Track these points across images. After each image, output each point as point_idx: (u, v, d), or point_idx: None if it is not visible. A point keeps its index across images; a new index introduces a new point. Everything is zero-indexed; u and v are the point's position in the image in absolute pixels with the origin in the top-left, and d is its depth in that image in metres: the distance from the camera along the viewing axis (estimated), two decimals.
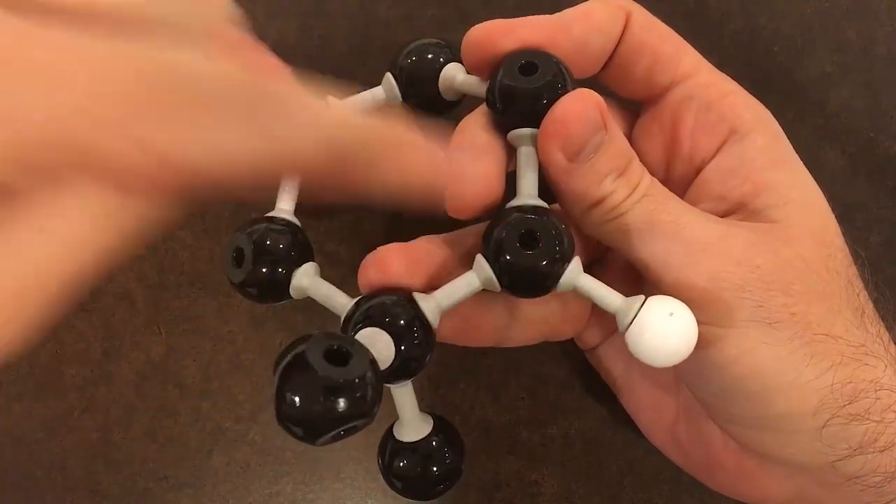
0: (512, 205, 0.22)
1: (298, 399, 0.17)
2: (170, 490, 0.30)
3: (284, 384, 0.17)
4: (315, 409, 0.17)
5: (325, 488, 0.30)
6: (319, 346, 0.17)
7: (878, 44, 0.32)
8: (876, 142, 0.32)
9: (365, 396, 0.17)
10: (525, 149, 0.22)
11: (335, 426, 0.17)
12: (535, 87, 0.21)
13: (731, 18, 0.32)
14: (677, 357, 0.20)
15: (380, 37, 0.32)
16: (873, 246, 0.32)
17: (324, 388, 0.17)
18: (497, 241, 0.21)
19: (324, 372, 0.17)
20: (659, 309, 0.20)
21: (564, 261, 0.21)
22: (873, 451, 0.21)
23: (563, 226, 0.21)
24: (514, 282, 0.21)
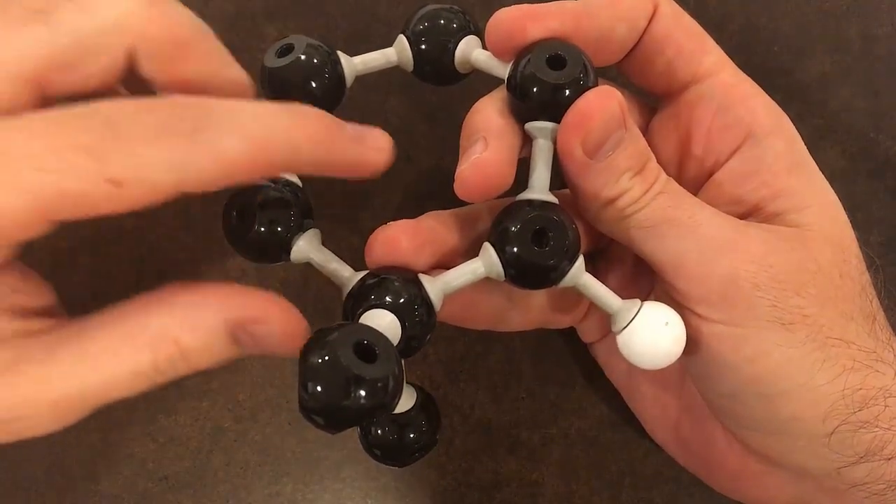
0: (523, 198, 0.22)
1: (322, 390, 0.17)
2: (170, 490, 0.30)
3: (311, 374, 0.17)
4: (340, 403, 0.17)
5: (325, 488, 0.30)
6: (349, 339, 0.17)
7: (878, 44, 0.32)
8: (876, 142, 0.32)
9: (387, 391, 0.17)
10: (542, 142, 0.22)
11: (358, 419, 0.18)
12: (561, 82, 0.21)
13: (731, 18, 0.32)
14: (661, 364, 0.22)
15: (379, 35, 0.32)
16: (873, 246, 0.32)
17: (351, 382, 0.17)
18: (508, 235, 0.21)
19: (353, 367, 0.17)
20: (654, 317, 0.21)
21: (571, 259, 0.21)
22: (879, 459, 0.21)
23: (572, 224, 0.21)
24: (519, 275, 0.21)
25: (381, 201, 0.22)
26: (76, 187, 0.16)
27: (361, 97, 0.31)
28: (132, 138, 0.17)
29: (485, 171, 0.21)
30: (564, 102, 0.21)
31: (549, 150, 0.22)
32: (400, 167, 0.32)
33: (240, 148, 0.17)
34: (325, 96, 0.24)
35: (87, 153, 0.16)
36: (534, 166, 0.22)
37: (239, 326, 0.19)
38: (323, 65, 0.23)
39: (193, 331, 0.19)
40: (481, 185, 0.21)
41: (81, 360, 0.19)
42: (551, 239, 0.21)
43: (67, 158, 0.16)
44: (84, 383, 0.19)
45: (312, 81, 0.23)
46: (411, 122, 0.32)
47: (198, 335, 0.19)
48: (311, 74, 0.23)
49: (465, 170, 0.21)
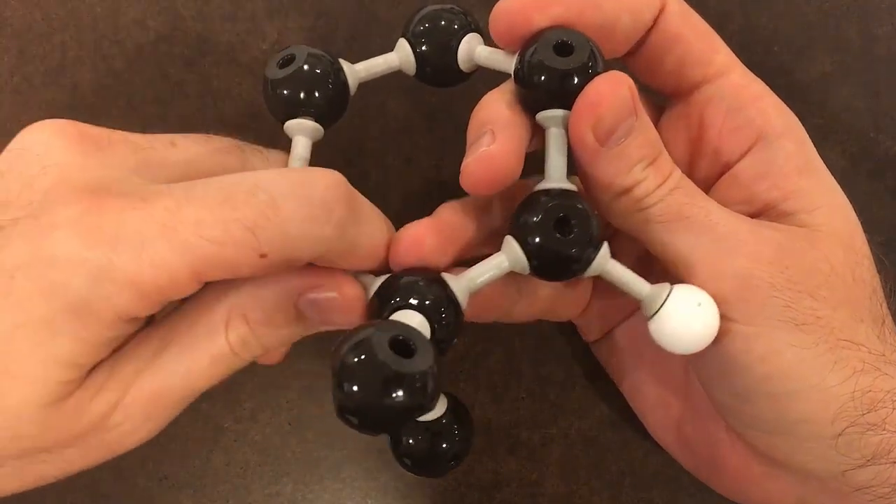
0: (541, 188, 0.22)
1: (359, 389, 0.16)
2: (170, 490, 0.30)
3: (347, 372, 0.16)
4: (379, 402, 0.16)
5: (325, 488, 0.30)
6: (385, 334, 0.17)
7: (878, 44, 0.32)
8: (876, 142, 0.32)
9: (426, 388, 0.17)
10: (555, 130, 0.22)
11: (397, 419, 0.17)
12: (569, 69, 0.21)
13: (731, 18, 0.32)
14: (697, 347, 0.21)
15: (379, 35, 0.32)
16: (873, 246, 0.32)
17: (390, 380, 0.16)
18: (531, 226, 0.21)
19: (391, 363, 0.16)
20: (686, 299, 0.21)
21: (596, 246, 0.21)
22: (886, 463, 0.21)
23: (594, 210, 0.21)
24: (544, 266, 0.21)
25: (380, 203, 0.22)
26: (232, 257, 0.18)
27: (361, 99, 0.31)
28: (288, 219, 0.18)
29: (491, 163, 0.21)
30: (574, 89, 0.21)
31: (563, 137, 0.22)
32: (400, 169, 0.32)
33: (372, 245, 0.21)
34: (330, 106, 0.23)
35: (247, 229, 0.18)
36: (549, 155, 0.22)
37: (300, 295, 0.20)
38: (326, 74, 0.23)
39: (259, 305, 0.20)
40: (488, 178, 0.21)
41: (164, 355, 0.20)
42: (574, 227, 0.20)
43: (230, 231, 0.18)
44: (170, 378, 0.20)
45: (316, 92, 0.23)
46: (411, 123, 0.32)
47: (265, 309, 0.20)
48: (314, 85, 0.23)
49: (472, 163, 0.21)
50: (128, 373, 0.19)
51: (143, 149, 0.20)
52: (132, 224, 0.17)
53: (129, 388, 0.19)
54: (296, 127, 0.23)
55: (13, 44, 0.31)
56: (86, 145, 0.19)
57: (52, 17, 0.32)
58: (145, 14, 0.32)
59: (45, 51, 0.31)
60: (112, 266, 0.17)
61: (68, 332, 0.18)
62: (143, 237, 0.17)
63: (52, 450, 0.19)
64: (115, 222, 0.17)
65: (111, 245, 0.17)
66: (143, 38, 0.32)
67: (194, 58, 0.32)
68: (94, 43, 0.32)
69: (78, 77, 0.31)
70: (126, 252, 0.17)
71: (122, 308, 0.18)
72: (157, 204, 0.18)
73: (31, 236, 0.18)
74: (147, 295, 0.18)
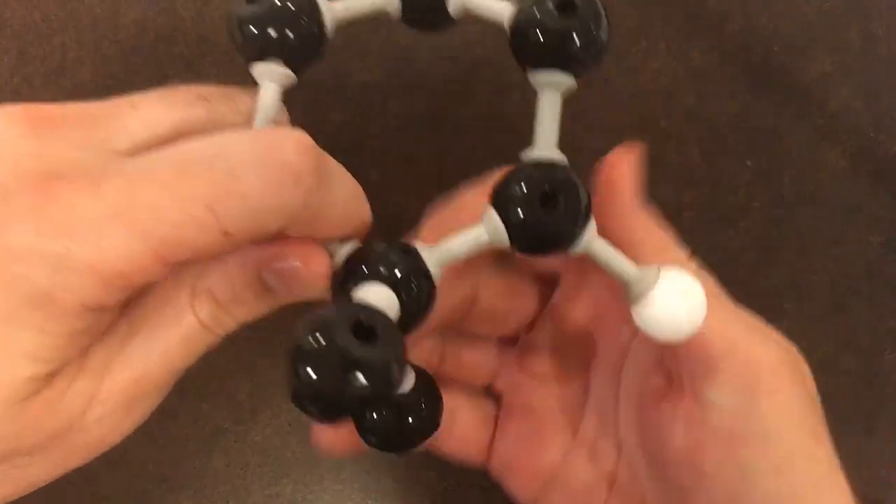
0: (528, 157, 0.20)
1: (316, 375, 0.15)
2: (170, 491, 0.30)
3: (303, 358, 0.15)
4: (337, 390, 0.15)
5: (325, 489, 0.30)
6: (345, 318, 0.16)
7: (878, 44, 0.32)
8: (876, 142, 0.32)
9: (389, 375, 0.16)
10: (550, 94, 0.21)
11: (357, 407, 0.16)
12: (571, 28, 0.20)
13: (731, 18, 0.32)
14: (682, 335, 0.20)
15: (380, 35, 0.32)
16: (873, 246, 0.32)
17: (349, 367, 0.15)
18: (513, 197, 0.19)
19: (351, 349, 0.15)
20: (677, 283, 0.20)
21: (582, 224, 0.19)
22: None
23: (584, 185, 0.20)
24: (526, 242, 0.20)
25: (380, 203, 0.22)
26: (193, 239, 0.17)
27: (361, 98, 0.31)
28: (251, 191, 0.17)
29: None
30: (575, 51, 0.20)
31: (557, 103, 0.21)
32: (400, 169, 0.32)
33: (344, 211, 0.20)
34: (303, 48, 0.21)
35: (208, 208, 0.17)
36: (539, 121, 0.21)
37: (264, 267, 0.19)
38: (299, 11, 0.21)
39: (224, 280, 0.19)
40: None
41: (134, 340, 0.19)
42: (561, 201, 0.19)
43: (189, 211, 0.17)
44: (144, 362, 0.19)
45: (288, 31, 0.20)
46: (411, 122, 0.32)
47: (230, 283, 0.19)
48: (285, 23, 0.20)
49: None
50: (97, 363, 0.19)
51: (101, 119, 0.19)
52: (86, 210, 0.17)
53: (102, 380, 0.19)
54: (264, 71, 0.21)
55: (13, 45, 0.31)
56: (39, 128, 0.18)
57: (51, 19, 0.32)
58: (145, 15, 0.32)
59: (44, 52, 0.31)
60: (70, 255, 0.17)
61: (32, 326, 0.17)
62: (98, 223, 0.17)
63: (31, 452, 0.18)
64: (69, 209, 0.17)
65: (67, 234, 0.17)
66: (143, 39, 0.32)
67: (194, 58, 0.32)
68: (94, 44, 0.32)
69: (78, 78, 0.31)
70: (83, 240, 0.17)
71: (85, 297, 0.17)
72: (110, 186, 0.17)
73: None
74: (110, 282, 0.17)
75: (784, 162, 0.32)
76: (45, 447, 0.19)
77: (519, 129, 0.32)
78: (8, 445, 0.18)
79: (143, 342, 0.19)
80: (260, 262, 0.20)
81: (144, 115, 0.20)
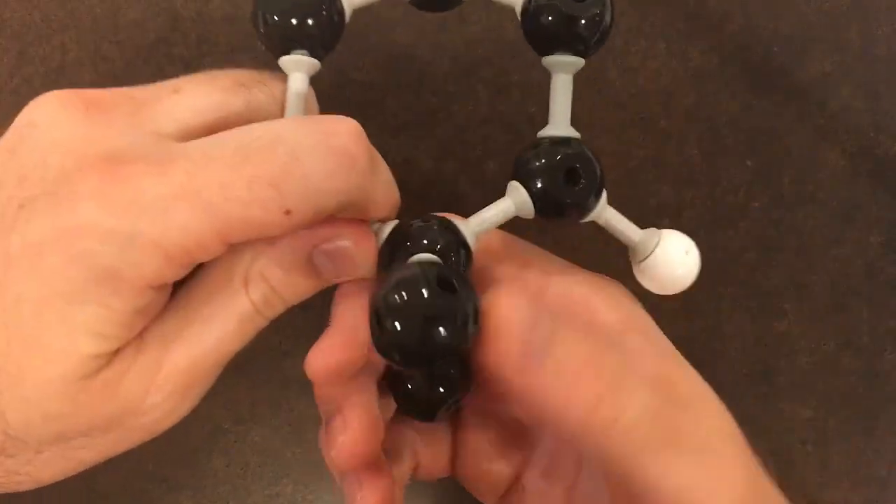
0: (547, 134, 0.22)
1: (403, 325, 0.17)
2: (169, 491, 0.30)
3: (391, 307, 0.17)
4: (423, 337, 0.17)
5: (326, 489, 0.30)
6: (431, 272, 0.18)
7: (878, 44, 0.32)
8: (876, 142, 0.32)
9: (468, 323, 0.18)
10: (562, 76, 0.22)
11: (440, 354, 0.17)
12: (584, 14, 0.21)
13: (731, 18, 0.32)
14: (679, 289, 0.23)
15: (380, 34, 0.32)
16: (873, 246, 0.32)
17: (435, 315, 0.17)
18: (541, 174, 0.21)
19: (438, 298, 0.17)
20: (675, 245, 0.22)
21: (598, 195, 0.22)
22: None
23: (598, 159, 0.22)
24: (550, 212, 0.22)
25: None
26: (258, 216, 0.18)
27: (360, 96, 0.31)
28: (312, 172, 0.18)
29: (352, 450, 0.21)
30: (587, 35, 0.21)
31: (569, 83, 0.22)
32: (400, 169, 0.32)
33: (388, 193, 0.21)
34: (326, 37, 0.22)
35: (271, 186, 0.18)
36: (554, 100, 0.22)
37: (316, 248, 0.20)
38: (321, 2, 0.22)
39: (276, 262, 0.20)
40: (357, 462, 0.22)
41: (192, 325, 0.20)
42: (583, 177, 0.21)
43: (254, 190, 0.18)
44: (201, 346, 0.20)
45: (314, 26, 0.22)
46: (411, 123, 0.32)
47: (282, 265, 0.20)
48: (309, 15, 0.22)
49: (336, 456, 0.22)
50: (155, 347, 0.19)
51: (147, 103, 0.20)
52: (154, 190, 0.17)
53: (161, 364, 0.19)
54: (291, 62, 0.22)
55: (13, 45, 0.31)
56: (91, 112, 0.19)
57: (51, 19, 0.32)
58: (145, 15, 0.32)
59: (44, 52, 0.31)
60: (138, 233, 0.17)
61: (96, 301, 0.17)
62: (166, 202, 0.17)
63: (89, 433, 0.19)
64: (137, 189, 0.17)
65: (135, 212, 0.17)
66: (143, 40, 0.32)
67: (194, 58, 0.32)
68: (94, 44, 0.32)
69: (78, 78, 0.31)
70: (151, 218, 0.17)
71: (150, 273, 0.18)
72: (176, 167, 0.18)
73: (53, 210, 0.17)
74: (174, 258, 0.18)
75: (784, 162, 0.32)
76: (102, 429, 0.19)
77: (519, 129, 0.32)
78: (65, 424, 0.18)
79: (199, 326, 0.20)
80: (312, 244, 0.20)
81: (187, 99, 0.21)
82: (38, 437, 0.18)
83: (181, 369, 0.19)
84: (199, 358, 0.20)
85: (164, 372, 0.19)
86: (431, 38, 0.31)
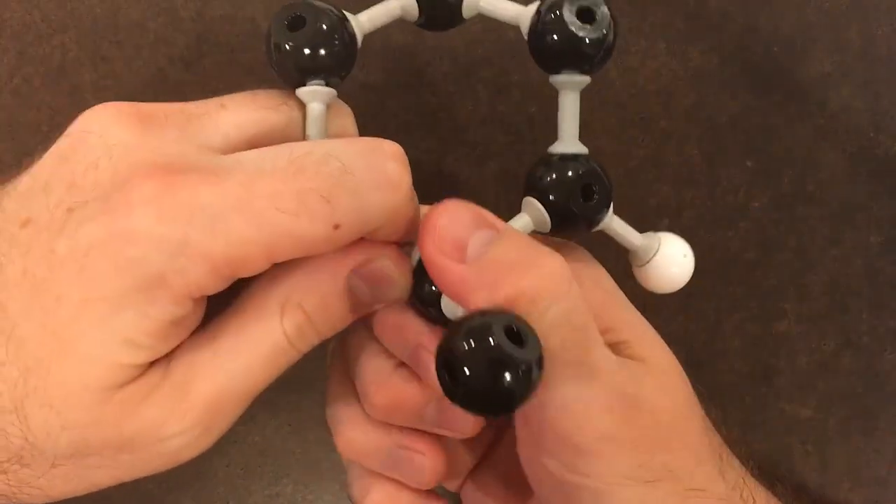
0: (557, 151, 0.22)
1: (473, 374, 0.17)
2: (170, 492, 0.30)
3: (464, 357, 0.17)
4: (493, 387, 0.17)
5: (326, 489, 0.30)
6: (500, 322, 0.18)
7: (878, 44, 0.32)
8: (876, 142, 0.32)
9: (534, 375, 0.18)
10: (571, 94, 0.22)
11: (508, 406, 0.18)
12: (591, 36, 0.21)
13: (731, 18, 0.32)
14: (676, 288, 0.24)
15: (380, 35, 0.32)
16: (873, 246, 0.32)
17: (505, 366, 0.17)
18: (557, 191, 0.22)
19: (507, 349, 0.17)
20: (675, 249, 0.24)
21: (608, 206, 0.23)
22: None
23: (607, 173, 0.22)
24: (567, 226, 0.22)
25: None
26: (307, 229, 0.18)
27: (360, 97, 0.31)
28: (362, 186, 0.18)
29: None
30: (593, 54, 0.21)
31: (577, 101, 0.22)
32: None
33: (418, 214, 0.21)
34: (341, 66, 0.23)
35: (322, 199, 0.18)
36: (562, 117, 0.23)
37: (356, 270, 0.20)
38: (335, 33, 0.22)
39: (313, 289, 0.20)
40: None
41: (220, 354, 0.19)
42: (597, 193, 0.22)
43: (306, 202, 0.18)
44: (228, 378, 0.19)
45: (329, 56, 0.22)
46: (411, 123, 0.32)
47: (318, 292, 0.20)
48: (327, 48, 0.22)
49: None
50: (183, 373, 0.19)
51: (198, 117, 0.20)
52: (207, 199, 0.17)
53: (186, 392, 0.19)
54: (309, 93, 0.22)
55: (13, 45, 0.31)
56: (144, 123, 0.19)
57: (51, 19, 0.32)
58: (145, 15, 0.32)
59: (44, 52, 0.31)
60: (188, 241, 0.17)
61: (136, 309, 0.17)
62: (218, 212, 0.17)
63: (103, 452, 0.18)
64: (191, 198, 0.17)
65: (187, 220, 0.17)
66: (143, 40, 0.32)
67: (194, 58, 0.32)
68: (94, 44, 0.32)
69: (78, 78, 0.31)
70: (202, 227, 0.17)
71: (193, 283, 0.18)
72: (231, 178, 0.18)
73: (105, 216, 0.17)
74: (219, 269, 0.18)
75: (784, 162, 0.32)
76: (117, 449, 0.19)
77: (519, 129, 0.32)
78: (82, 436, 0.18)
79: (228, 355, 0.19)
80: (347, 267, 0.20)
81: (233, 116, 0.21)
82: (55, 447, 0.18)
83: (206, 398, 0.19)
84: (226, 388, 0.19)
85: (189, 400, 0.19)
86: (431, 39, 0.31)
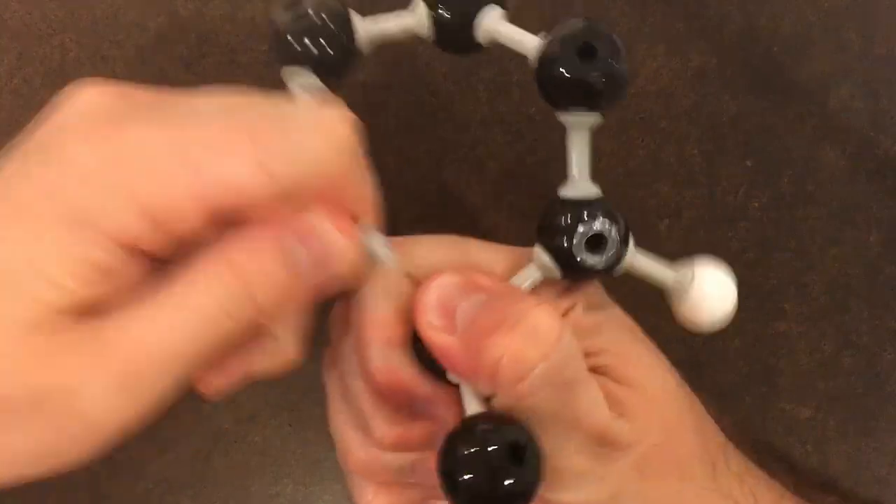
0: (569, 196, 0.22)
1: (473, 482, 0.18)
2: (170, 492, 0.30)
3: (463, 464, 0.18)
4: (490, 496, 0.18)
5: (326, 489, 0.30)
6: (504, 440, 0.18)
7: (878, 44, 0.32)
8: (876, 142, 0.32)
9: (531, 494, 0.18)
10: (579, 133, 0.22)
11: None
12: (593, 75, 0.20)
13: (731, 18, 0.32)
14: (721, 324, 0.22)
15: None
16: (873, 246, 0.32)
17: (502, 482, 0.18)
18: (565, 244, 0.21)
19: (504, 469, 0.18)
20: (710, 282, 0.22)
21: (625, 252, 0.21)
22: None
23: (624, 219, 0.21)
24: (577, 276, 0.22)
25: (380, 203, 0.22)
26: (236, 171, 0.17)
27: (360, 97, 0.31)
28: (293, 127, 0.18)
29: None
30: (600, 90, 0.20)
31: (586, 139, 0.22)
32: (400, 169, 0.32)
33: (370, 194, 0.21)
34: (334, 59, 0.22)
35: (249, 138, 0.17)
36: (571, 157, 0.22)
37: (290, 237, 0.19)
38: (330, 23, 0.22)
39: (251, 254, 0.19)
40: None
41: (150, 313, 0.18)
42: (607, 243, 0.21)
43: (232, 141, 0.17)
44: (155, 338, 0.18)
45: (320, 41, 0.22)
46: (411, 123, 0.32)
47: (256, 257, 0.19)
48: (316, 33, 0.21)
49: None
50: (106, 330, 0.18)
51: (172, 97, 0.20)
52: (140, 140, 0.17)
53: (106, 347, 0.17)
54: (294, 77, 0.22)
55: (13, 45, 0.31)
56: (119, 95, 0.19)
57: (51, 19, 0.32)
58: (145, 15, 0.32)
59: (44, 52, 0.31)
60: (116, 180, 0.17)
61: (62, 247, 0.17)
62: (150, 154, 0.17)
63: (19, 409, 0.17)
64: (124, 138, 0.17)
65: (116, 159, 0.17)
66: (143, 40, 0.32)
67: (194, 58, 0.32)
68: (94, 44, 0.32)
69: (77, 78, 0.31)
70: (130, 166, 0.17)
71: (120, 226, 0.17)
72: (166, 122, 0.18)
73: (40, 150, 0.18)
74: (147, 214, 0.17)
75: (784, 162, 0.32)
76: (31, 407, 0.17)
77: (519, 129, 0.32)
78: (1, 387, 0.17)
79: (156, 319, 0.18)
80: (288, 234, 0.19)
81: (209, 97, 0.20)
82: None
83: (125, 355, 0.17)
84: (149, 349, 0.18)
85: (106, 354, 0.17)
86: None
